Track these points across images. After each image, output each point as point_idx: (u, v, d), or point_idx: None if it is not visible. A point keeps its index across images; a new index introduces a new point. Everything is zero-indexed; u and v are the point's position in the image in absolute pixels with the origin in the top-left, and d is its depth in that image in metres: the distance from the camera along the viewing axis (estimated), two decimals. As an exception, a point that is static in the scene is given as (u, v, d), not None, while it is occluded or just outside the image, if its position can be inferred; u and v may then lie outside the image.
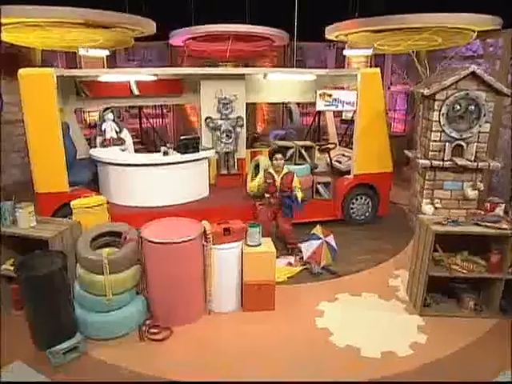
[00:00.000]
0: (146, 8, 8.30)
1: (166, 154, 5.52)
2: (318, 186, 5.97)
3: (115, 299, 3.56)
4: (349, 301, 4.21)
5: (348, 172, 6.09)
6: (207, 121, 6.37)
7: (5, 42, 6.07)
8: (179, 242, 3.58)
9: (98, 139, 6.20)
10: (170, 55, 10.87)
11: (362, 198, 6.09)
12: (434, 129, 5.13)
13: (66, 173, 5.01)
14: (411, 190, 6.08)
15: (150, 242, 3.60)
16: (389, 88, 10.35)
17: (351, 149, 6.23)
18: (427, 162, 5.18)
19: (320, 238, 4.93)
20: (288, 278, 4.61)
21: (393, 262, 5.11)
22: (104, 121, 6.17)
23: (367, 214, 6.18)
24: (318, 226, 5.10)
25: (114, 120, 6.22)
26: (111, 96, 6.32)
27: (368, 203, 6.12)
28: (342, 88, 5.93)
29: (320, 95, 5.53)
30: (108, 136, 6.19)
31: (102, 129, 6.17)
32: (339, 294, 4.31)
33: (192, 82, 6.42)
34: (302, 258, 4.91)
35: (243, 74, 6.33)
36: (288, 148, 5.88)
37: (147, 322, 3.70)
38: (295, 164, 5.89)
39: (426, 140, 5.34)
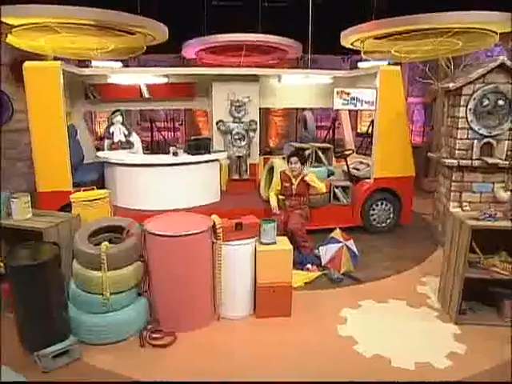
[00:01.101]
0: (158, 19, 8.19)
1: (175, 154, 5.25)
2: (336, 191, 5.61)
3: (113, 299, 3.20)
4: (374, 308, 3.77)
5: (367, 179, 5.74)
6: (218, 124, 6.12)
7: (15, 48, 5.93)
8: (185, 235, 3.23)
9: (106, 142, 5.98)
10: (182, 69, 10.80)
11: (382, 204, 5.71)
12: (460, 126, 4.77)
13: (70, 171, 4.74)
14: (435, 194, 5.66)
15: (153, 234, 3.25)
16: (406, 100, 10.05)
17: (369, 156, 5.92)
18: (454, 161, 4.79)
19: (340, 242, 4.54)
20: (305, 283, 4.20)
21: (418, 269, 4.67)
22: (112, 123, 5.96)
23: (388, 221, 5.78)
24: (337, 230, 4.72)
25: (122, 123, 6.01)
26: (121, 99, 6.15)
27: (389, 209, 5.73)
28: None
29: (337, 93, 5.25)
30: (116, 139, 5.97)
31: (110, 132, 5.95)
32: (363, 301, 3.87)
33: (204, 86, 6.22)
34: (320, 264, 4.50)
35: (257, 76, 6.11)
36: (304, 150, 5.56)
37: (149, 326, 3.32)
38: (312, 166, 5.55)
39: (452, 139, 4.96)
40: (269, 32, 8.37)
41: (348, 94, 5.27)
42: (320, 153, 5.56)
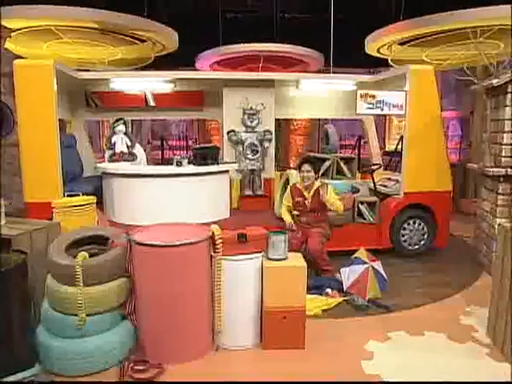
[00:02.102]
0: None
1: (178, 164, 4.94)
2: (361, 207, 5.17)
3: (91, 321, 2.84)
4: (407, 341, 3.25)
5: (396, 195, 5.30)
6: (230, 134, 5.84)
7: (17, 57, 5.88)
8: (177, 246, 2.86)
9: (107, 153, 5.74)
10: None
11: (414, 223, 5.24)
12: (506, 129, 4.31)
13: (62, 181, 4.48)
14: (478, 211, 5.13)
15: (139, 244, 2.89)
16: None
17: (398, 172, 5.51)
18: (501, 170, 4.31)
19: (365, 263, 4.07)
20: (323, 311, 3.72)
21: (460, 297, 4.12)
22: (114, 133, 5.73)
23: (422, 243, 5.28)
24: (362, 249, 4.25)
25: (125, 133, 5.78)
26: (125, 107, 5.98)
27: (423, 229, 5.24)
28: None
29: (361, 96, 4.89)
30: (118, 150, 5.72)
31: (112, 142, 5.72)
32: (393, 333, 3.37)
33: (214, 94, 5.99)
34: (342, 288, 4.03)
35: (272, 81, 5.85)
36: (324, 160, 5.17)
37: (132, 355, 2.91)
38: (332, 179, 5.14)
39: (497, 145, 4.49)
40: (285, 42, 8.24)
41: (373, 96, 4.91)
42: (342, 164, 5.16)
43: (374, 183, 5.98)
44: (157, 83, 5.76)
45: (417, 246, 5.29)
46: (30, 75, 4.24)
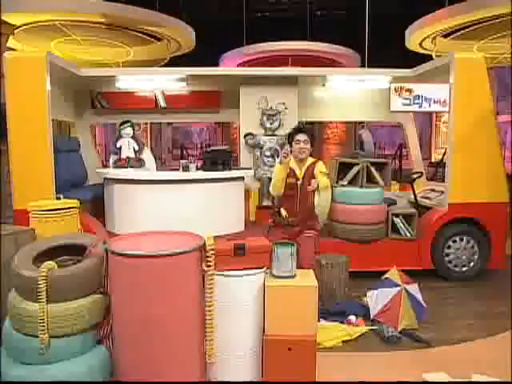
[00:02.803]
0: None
1: (185, 169, 4.67)
2: (396, 220, 4.71)
3: (57, 345, 2.53)
4: (447, 385, 2.74)
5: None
6: (247, 138, 5.53)
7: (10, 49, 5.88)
8: (160, 257, 2.52)
9: (112, 158, 5.57)
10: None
11: (462, 240, 4.74)
12: None
13: (54, 186, 4.29)
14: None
15: (116, 255, 2.57)
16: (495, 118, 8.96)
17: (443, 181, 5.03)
18: None
19: (397, 285, 3.59)
20: (343, 342, 3.27)
21: (519, 332, 3.55)
22: (121, 136, 5.56)
23: (471, 265, 4.76)
24: (394, 269, 3.79)
25: (133, 136, 5.60)
26: (133, 109, 5.82)
27: (472, 247, 4.72)
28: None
29: (395, 90, 4.48)
30: (124, 155, 5.53)
31: (117, 146, 5.55)
32: (431, 374, 2.89)
33: (232, 94, 5.72)
34: (368, 315, 3.57)
35: (295, 78, 5.52)
36: (352, 165, 4.75)
37: (105, 388, 2.58)
38: (361, 187, 4.69)
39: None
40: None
41: (410, 91, 4.49)
42: (373, 169, 4.71)
43: (415, 194, 5.49)
44: (167, 82, 5.56)
45: (465, 268, 4.74)
46: (20, 69, 4.11)
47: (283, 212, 3.68)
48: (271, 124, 5.51)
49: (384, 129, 9.51)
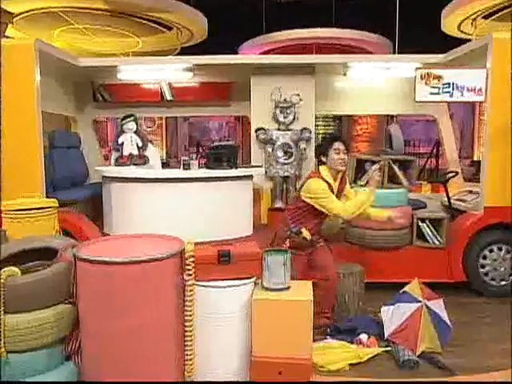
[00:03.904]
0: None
1: (186, 167, 4.52)
2: (422, 225, 4.40)
3: (18, 361, 2.43)
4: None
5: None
6: (258, 132, 5.34)
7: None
8: (131, 264, 2.37)
9: (113, 155, 5.49)
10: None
11: (500, 250, 4.39)
12: None
13: (44, 184, 4.23)
14: None
15: (84, 261, 2.44)
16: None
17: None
18: None
19: (418, 301, 3.31)
20: (351, 365, 3.03)
21: None
22: (123, 132, 5.48)
23: (512, 278, 4.38)
24: (415, 282, 3.51)
25: (136, 132, 5.51)
26: (138, 102, 5.73)
27: (512, 258, 4.35)
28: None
29: (421, 77, 4.18)
30: (126, 152, 5.44)
31: (119, 142, 5.47)
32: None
33: (244, 85, 5.54)
34: (382, 334, 3.31)
35: (312, 67, 5.28)
36: (373, 162, 4.48)
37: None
38: (383, 187, 4.42)
39: None
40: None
41: (439, 78, 4.18)
42: (396, 168, 4.42)
43: (448, 196, 5.17)
44: (172, 72, 5.44)
45: (504, 282, 4.40)
46: (8, 58, 4.05)
47: (305, 233, 3.39)
48: (285, 118, 5.29)
49: (419, 124, 9.10)
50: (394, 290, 3.73)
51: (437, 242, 4.41)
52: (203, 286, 2.55)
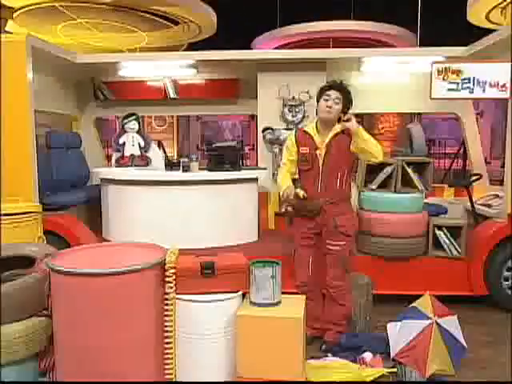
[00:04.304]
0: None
1: (185, 169, 4.42)
2: (438, 233, 4.17)
3: (-13, 377, 2.34)
4: None
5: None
6: (265, 132, 5.21)
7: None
8: (106, 276, 2.27)
9: (114, 156, 5.45)
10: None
11: None
12: None
13: (36, 187, 4.17)
14: None
15: (58, 272, 2.34)
16: None
17: None
18: None
19: (428, 318, 3.11)
20: (351, 386, 2.86)
21: None
22: (125, 131, 5.43)
23: (539, 293, 4.12)
24: (425, 296, 3.30)
25: (138, 131, 5.45)
26: (141, 100, 5.67)
27: (540, 272, 4.10)
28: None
29: (438, 72, 3.95)
30: (127, 153, 5.39)
31: (120, 142, 5.41)
32: None
33: (252, 83, 5.41)
34: (387, 353, 3.12)
35: (323, 62, 5.10)
36: (384, 165, 4.27)
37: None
38: (395, 191, 4.21)
39: None
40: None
41: (458, 72, 3.94)
42: (410, 170, 4.19)
43: (472, 201, 4.93)
44: (176, 69, 5.34)
45: (530, 298, 4.13)
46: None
47: (300, 192, 3.19)
48: (293, 116, 5.15)
49: (446, 122, 8.77)
50: (408, 303, 3.54)
51: (455, 252, 4.17)
52: (185, 299, 2.42)
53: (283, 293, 2.57)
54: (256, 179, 4.72)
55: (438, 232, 4.20)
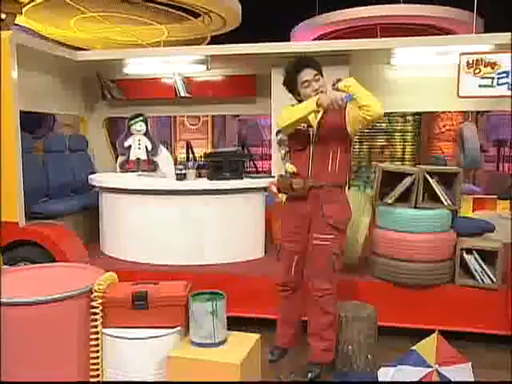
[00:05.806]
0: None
1: (181, 177, 4.32)
2: (468, 258, 3.75)
3: None
4: None
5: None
6: (279, 135, 4.98)
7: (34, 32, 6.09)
8: (23, 305, 2.19)
9: (119, 160, 5.44)
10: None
11: None
12: None
13: (21, 194, 4.21)
14: None
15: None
16: None
17: None
18: None
19: (428, 366, 2.78)
20: None
21: None
22: (131, 133, 5.40)
23: None
24: (432, 337, 2.95)
25: (146, 134, 5.40)
26: (153, 100, 5.63)
27: None
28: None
29: (467, 64, 3.57)
30: (133, 157, 5.36)
31: (125, 145, 5.39)
32: None
33: (267, 78, 5.21)
34: None
35: (345, 54, 4.80)
36: (403, 175, 3.90)
37: None
38: (416, 207, 3.83)
39: None
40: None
41: (493, 64, 3.54)
42: (433, 182, 3.79)
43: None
44: (185, 65, 5.23)
45: None
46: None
47: (289, 167, 3.14)
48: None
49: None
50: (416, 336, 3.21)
51: (487, 281, 3.73)
52: (112, 335, 2.29)
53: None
54: (263, 188, 4.53)
55: (467, 256, 3.77)
